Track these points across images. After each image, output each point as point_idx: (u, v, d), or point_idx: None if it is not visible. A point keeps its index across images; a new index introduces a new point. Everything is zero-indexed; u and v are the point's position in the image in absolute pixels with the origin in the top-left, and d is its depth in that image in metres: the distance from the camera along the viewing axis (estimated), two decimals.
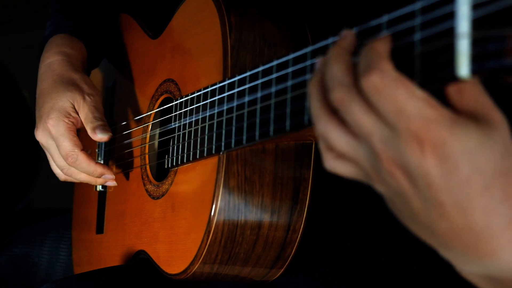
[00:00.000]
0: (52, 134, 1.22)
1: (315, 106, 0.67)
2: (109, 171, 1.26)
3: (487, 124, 0.60)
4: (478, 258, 0.62)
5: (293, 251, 1.06)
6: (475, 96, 0.61)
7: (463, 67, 0.58)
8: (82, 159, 1.22)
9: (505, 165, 0.60)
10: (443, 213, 0.61)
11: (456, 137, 0.59)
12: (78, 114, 1.24)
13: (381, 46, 0.63)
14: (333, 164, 0.68)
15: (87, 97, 1.24)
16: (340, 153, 0.67)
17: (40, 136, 1.25)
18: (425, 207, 0.62)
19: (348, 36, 0.68)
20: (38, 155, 1.91)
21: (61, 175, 1.28)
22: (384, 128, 0.62)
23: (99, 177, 1.26)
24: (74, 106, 1.23)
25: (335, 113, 0.66)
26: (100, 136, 1.23)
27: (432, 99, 0.60)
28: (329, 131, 0.66)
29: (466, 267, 0.65)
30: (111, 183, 1.28)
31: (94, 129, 1.22)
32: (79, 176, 1.26)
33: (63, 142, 1.21)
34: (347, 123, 0.65)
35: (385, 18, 0.67)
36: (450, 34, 0.59)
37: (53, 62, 1.29)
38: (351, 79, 0.64)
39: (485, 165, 0.59)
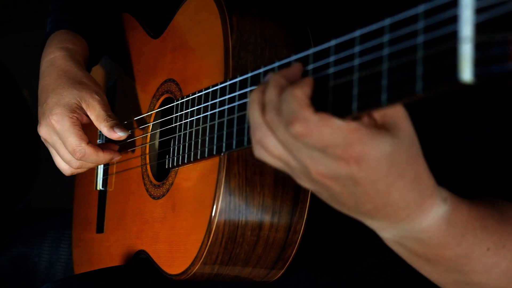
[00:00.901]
0: (56, 130, 1.20)
1: (255, 115, 0.77)
2: (117, 154, 1.26)
3: (395, 125, 0.72)
4: (395, 223, 0.78)
5: (294, 252, 1.06)
6: None
7: (466, 72, 0.58)
8: (90, 152, 1.20)
9: (412, 152, 0.73)
10: (368, 199, 0.75)
11: (374, 147, 0.71)
12: (83, 112, 1.22)
13: (301, 92, 0.73)
14: (263, 156, 0.79)
15: (95, 95, 1.23)
16: (274, 154, 0.77)
17: (44, 132, 1.23)
18: (352, 197, 0.75)
19: (294, 67, 0.78)
20: (38, 155, 1.90)
21: (67, 170, 1.26)
22: (312, 149, 0.72)
23: (108, 162, 1.27)
24: (80, 104, 1.22)
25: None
26: (121, 134, 1.22)
27: (351, 123, 0.71)
28: (266, 139, 0.76)
29: (385, 233, 0.81)
30: (118, 158, 1.28)
31: (112, 127, 1.22)
32: (88, 165, 1.25)
33: (69, 137, 1.20)
34: (279, 138, 0.75)
35: (387, 21, 0.67)
36: (453, 38, 0.59)
37: (56, 57, 1.28)
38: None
39: (398, 159, 0.72)
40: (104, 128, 1.22)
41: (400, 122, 0.72)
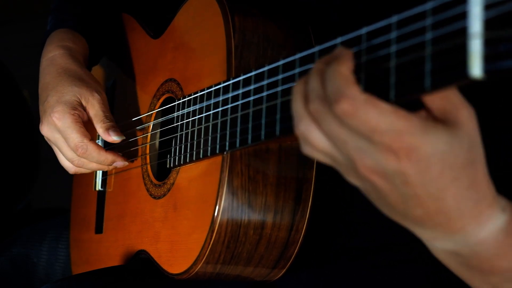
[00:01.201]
0: (58, 127, 1.20)
1: (298, 108, 0.72)
2: (120, 158, 1.24)
3: (455, 124, 0.66)
4: (448, 234, 0.71)
5: (296, 251, 1.06)
6: (444, 95, 0.66)
7: (476, 67, 0.58)
8: (92, 149, 1.20)
9: (471, 156, 0.67)
10: (418, 202, 0.68)
11: (427, 141, 0.65)
12: (85, 110, 1.22)
13: (345, 68, 0.68)
14: (310, 152, 0.74)
15: (95, 94, 1.23)
16: (319, 149, 0.72)
17: (46, 130, 1.22)
18: (401, 200, 0.69)
19: (338, 52, 0.72)
20: (38, 155, 1.90)
21: (71, 168, 1.26)
22: (358, 139, 0.67)
23: (110, 165, 1.24)
24: (81, 101, 1.22)
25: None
26: (115, 138, 1.22)
27: (401, 110, 0.65)
28: (309, 132, 0.71)
29: (437, 243, 0.74)
30: (121, 164, 1.26)
31: (107, 130, 1.21)
32: (90, 165, 1.24)
33: (71, 134, 1.19)
34: (324, 130, 0.70)
35: (394, 18, 0.67)
36: (462, 34, 0.59)
37: (56, 55, 1.28)
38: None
39: (454, 160, 0.66)
40: (100, 129, 1.22)
41: (463, 121, 0.66)
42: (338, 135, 0.68)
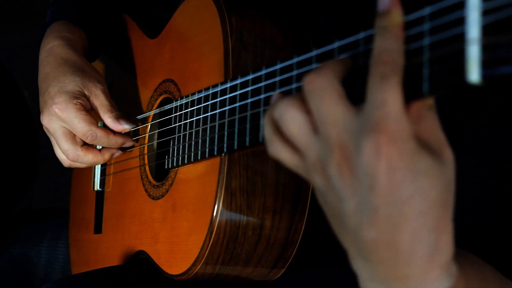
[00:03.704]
0: (62, 118, 1.19)
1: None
2: (129, 139, 1.25)
3: (439, 156, 0.62)
4: (388, 278, 0.64)
5: (294, 251, 1.06)
6: (432, 129, 0.64)
7: (474, 73, 0.58)
8: (101, 134, 1.19)
9: (445, 197, 0.62)
10: (374, 221, 0.61)
11: (411, 155, 0.60)
12: (87, 99, 1.21)
13: (338, 64, 0.67)
14: (277, 150, 0.69)
15: (98, 84, 1.21)
16: (290, 138, 0.67)
17: (47, 121, 1.21)
18: (358, 210, 0.62)
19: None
20: (38, 155, 1.90)
21: (65, 161, 1.24)
22: (352, 120, 0.63)
23: (119, 147, 1.24)
24: (83, 92, 1.21)
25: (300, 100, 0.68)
26: (126, 127, 1.21)
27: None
28: (287, 111, 0.67)
29: (371, 284, 0.66)
30: (117, 153, 1.26)
31: (117, 119, 1.20)
32: (86, 158, 1.22)
33: (77, 124, 1.18)
34: (311, 113, 0.66)
35: None
36: (460, 40, 0.59)
37: (55, 46, 1.27)
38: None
39: (428, 191, 0.61)
40: (108, 119, 1.21)
41: (447, 158, 0.63)
42: (328, 114, 0.64)
